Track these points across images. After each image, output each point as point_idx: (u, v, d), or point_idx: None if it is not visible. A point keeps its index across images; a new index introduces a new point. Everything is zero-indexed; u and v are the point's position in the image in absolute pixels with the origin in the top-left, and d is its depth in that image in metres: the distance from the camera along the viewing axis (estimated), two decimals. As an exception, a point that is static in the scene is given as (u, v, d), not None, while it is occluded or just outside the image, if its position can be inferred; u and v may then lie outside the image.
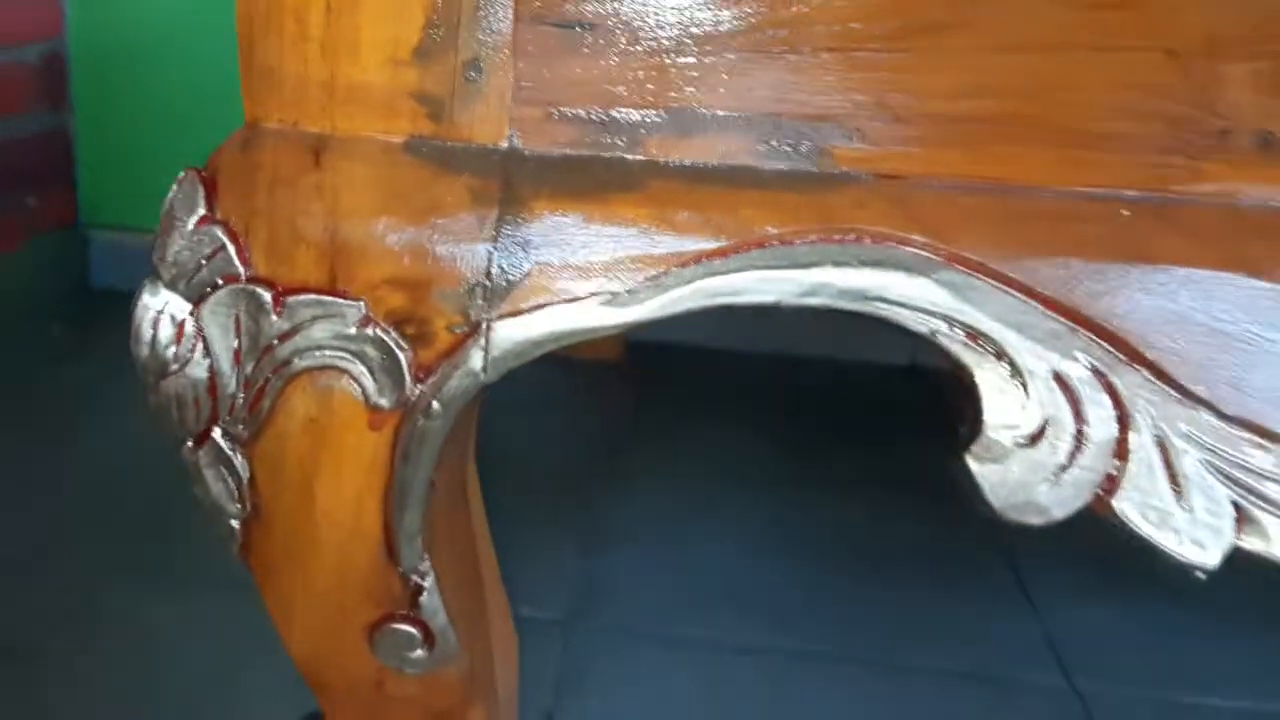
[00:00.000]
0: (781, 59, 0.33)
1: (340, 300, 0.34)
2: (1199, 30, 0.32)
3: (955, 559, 0.87)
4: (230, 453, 0.37)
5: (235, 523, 0.39)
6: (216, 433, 0.37)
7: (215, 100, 1.21)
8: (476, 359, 0.34)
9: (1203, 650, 0.77)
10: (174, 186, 0.35)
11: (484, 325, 0.34)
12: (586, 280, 0.34)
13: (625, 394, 1.12)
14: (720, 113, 0.34)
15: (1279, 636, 0.79)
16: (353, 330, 0.35)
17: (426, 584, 0.39)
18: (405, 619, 0.40)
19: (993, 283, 0.32)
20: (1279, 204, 0.33)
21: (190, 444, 0.37)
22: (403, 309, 0.34)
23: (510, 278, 0.34)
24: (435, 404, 0.35)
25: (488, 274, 0.34)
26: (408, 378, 0.35)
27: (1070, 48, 0.32)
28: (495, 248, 0.34)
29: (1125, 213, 0.33)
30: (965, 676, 0.74)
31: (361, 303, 0.34)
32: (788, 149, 0.34)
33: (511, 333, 0.34)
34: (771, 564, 0.85)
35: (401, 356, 0.35)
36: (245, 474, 0.37)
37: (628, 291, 0.34)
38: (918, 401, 1.13)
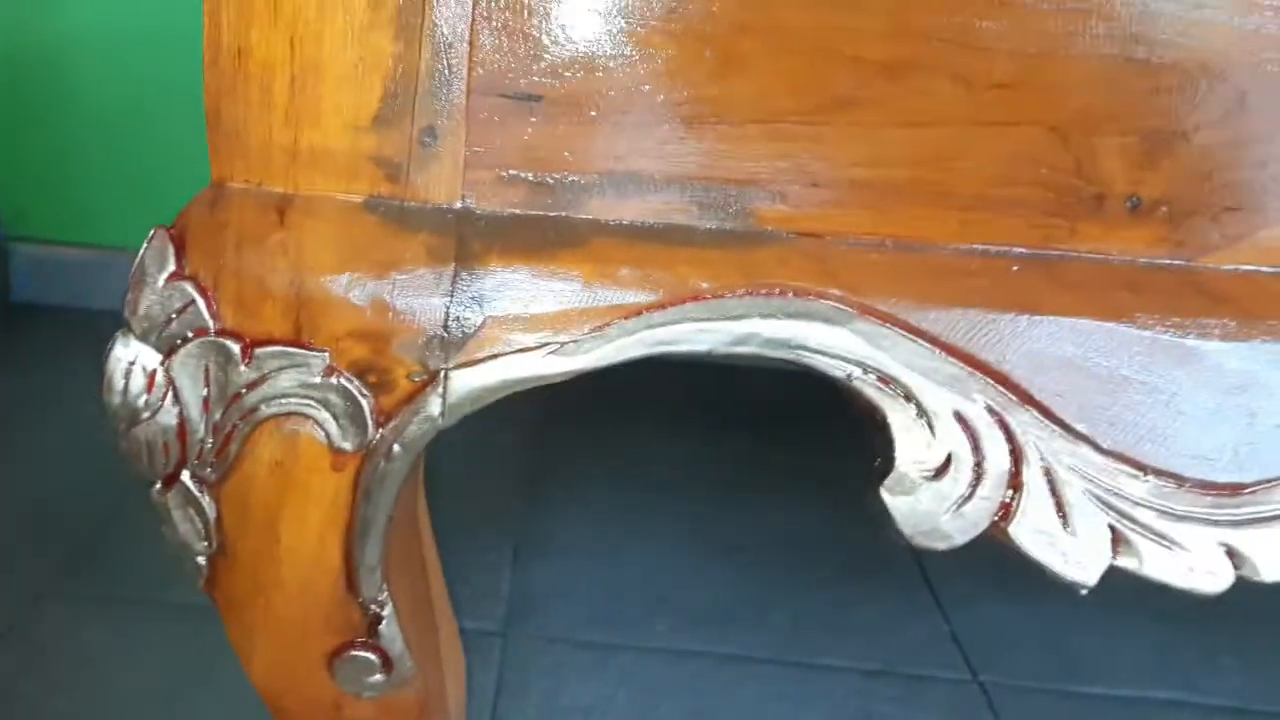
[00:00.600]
0: (711, 129, 0.37)
1: (305, 351, 0.37)
2: (1077, 109, 0.36)
3: (867, 560, 0.92)
4: (198, 494, 0.39)
5: (202, 559, 0.41)
6: (185, 475, 0.39)
7: (137, 113, 1.21)
8: (435, 405, 0.37)
9: (1094, 643, 0.84)
10: (145, 244, 0.37)
11: (442, 374, 0.37)
12: (536, 331, 0.37)
13: (547, 401, 1.15)
14: (656, 176, 0.37)
15: (1161, 629, 0.86)
16: (317, 379, 0.37)
17: (385, 613, 0.42)
18: (364, 646, 0.42)
19: (900, 332, 0.36)
20: (1145, 260, 0.37)
21: (159, 486, 0.39)
22: (365, 359, 0.37)
23: (465, 330, 0.37)
24: (396, 447, 0.38)
25: (445, 326, 0.37)
26: (370, 423, 0.37)
27: (965, 123, 0.36)
28: (451, 301, 0.37)
29: (1015, 268, 0.37)
30: (877, 674, 0.79)
31: (326, 353, 0.37)
32: (717, 210, 0.38)
33: (468, 381, 0.37)
34: (694, 570, 0.89)
35: (364, 403, 0.37)
36: (212, 513, 0.40)
37: (574, 341, 0.37)
38: (828, 405, 1.18)
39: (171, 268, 0.37)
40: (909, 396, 0.36)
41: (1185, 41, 0.36)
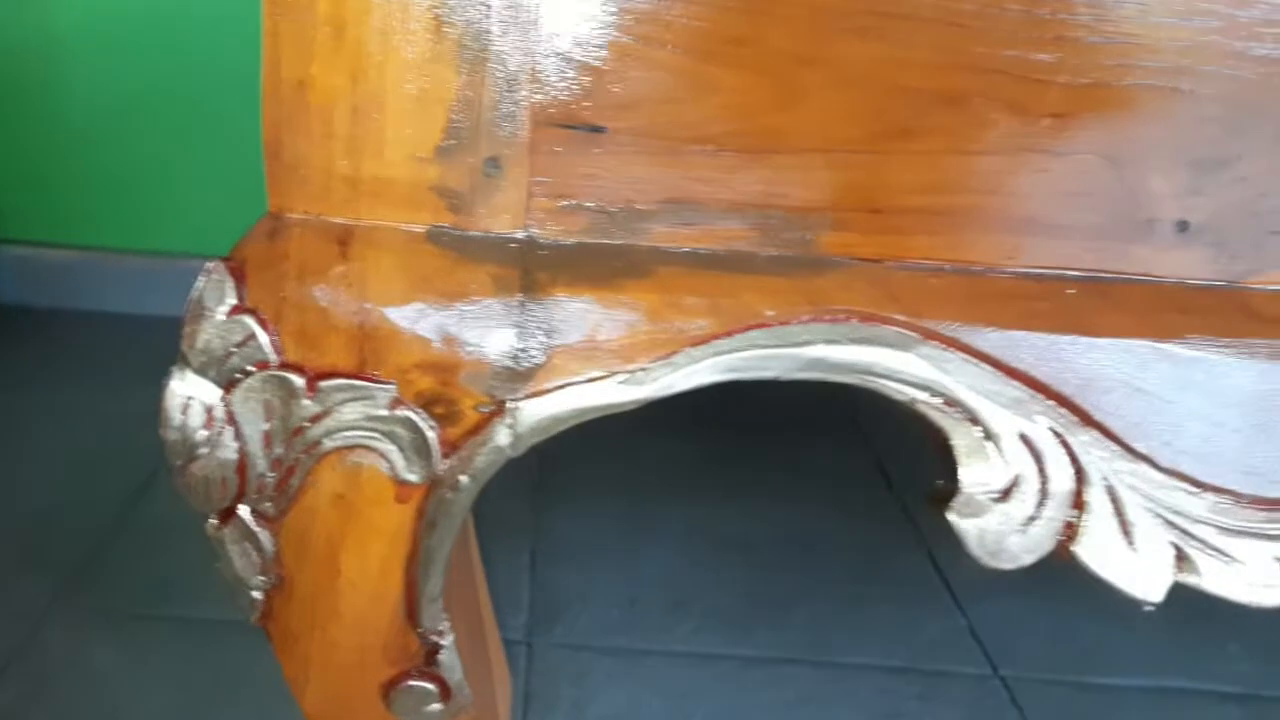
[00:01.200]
0: (772, 158, 0.37)
1: (371, 384, 0.37)
2: (1127, 137, 0.37)
3: (879, 557, 0.93)
4: (255, 528, 0.39)
5: (257, 593, 0.40)
6: (243, 510, 0.38)
7: (123, 114, 1.18)
8: (503, 436, 0.37)
9: (1105, 634, 0.85)
10: (201, 277, 0.36)
11: (510, 405, 0.37)
12: (604, 361, 0.37)
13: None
14: (719, 205, 0.38)
15: (1168, 618, 0.88)
16: (383, 411, 0.37)
17: (445, 642, 0.41)
18: (422, 675, 0.42)
19: (964, 355, 0.37)
20: (1194, 282, 0.38)
21: (215, 520, 0.39)
22: (431, 391, 0.37)
23: (534, 360, 0.37)
24: (463, 478, 0.37)
25: (513, 357, 0.37)
26: (435, 454, 0.37)
27: (1020, 150, 0.37)
28: (519, 332, 0.37)
29: (1070, 290, 0.38)
30: (901, 671, 0.80)
31: (392, 385, 0.37)
32: (779, 237, 0.38)
33: (537, 411, 0.37)
34: (709, 571, 0.89)
35: (430, 435, 0.37)
36: (270, 547, 0.39)
37: (643, 370, 0.37)
38: (828, 404, 1.19)
39: (232, 301, 0.36)
40: (974, 420, 0.37)
41: (1229, 74, 0.37)
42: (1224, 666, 0.83)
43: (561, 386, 0.37)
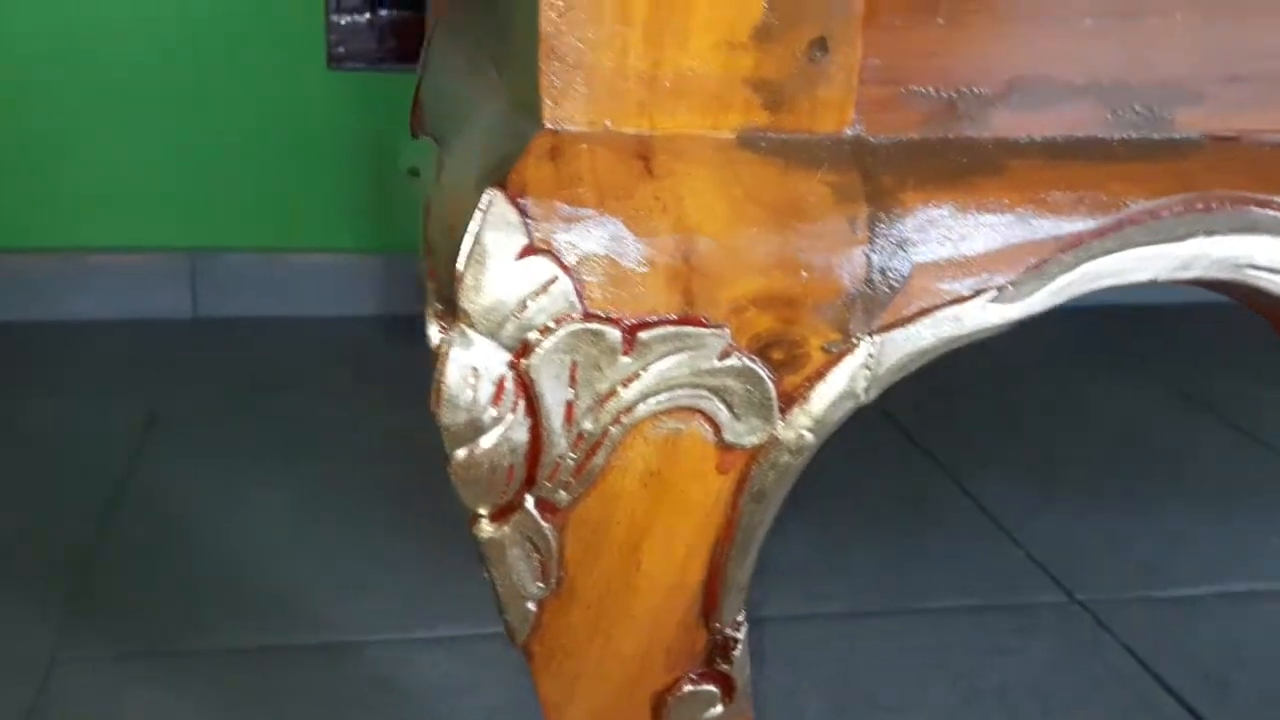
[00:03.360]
0: (1136, 22, 0.31)
1: (701, 329, 0.29)
2: None
3: (913, 497, 0.90)
4: (542, 523, 0.31)
5: (533, 605, 0.33)
6: (528, 501, 0.31)
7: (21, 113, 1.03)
8: (860, 379, 0.30)
9: (1156, 548, 0.84)
10: (477, 214, 0.28)
11: (865, 340, 0.30)
12: (969, 276, 0.31)
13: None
14: (1072, 82, 0.32)
15: (1205, 523, 0.88)
16: (713, 363, 0.30)
17: (740, 635, 0.35)
18: (703, 677, 0.36)
19: (1351, 237, 0.32)
20: None
21: (488, 519, 0.31)
22: (770, 331, 0.30)
23: (892, 283, 0.30)
24: (807, 435, 0.31)
25: (867, 281, 0.30)
26: (774, 410, 0.30)
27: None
28: (871, 250, 0.30)
29: None
30: (986, 609, 0.77)
31: (725, 329, 0.30)
32: (1133, 116, 0.32)
33: (898, 344, 0.30)
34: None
35: (769, 386, 0.30)
36: (555, 546, 0.32)
37: (1011, 284, 0.31)
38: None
39: (521, 240, 0.28)
40: (1380, 308, 0.32)
41: None
42: (1275, 564, 0.83)
43: (923, 311, 0.30)
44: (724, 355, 0.30)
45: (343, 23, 1.03)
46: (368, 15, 1.04)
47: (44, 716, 0.60)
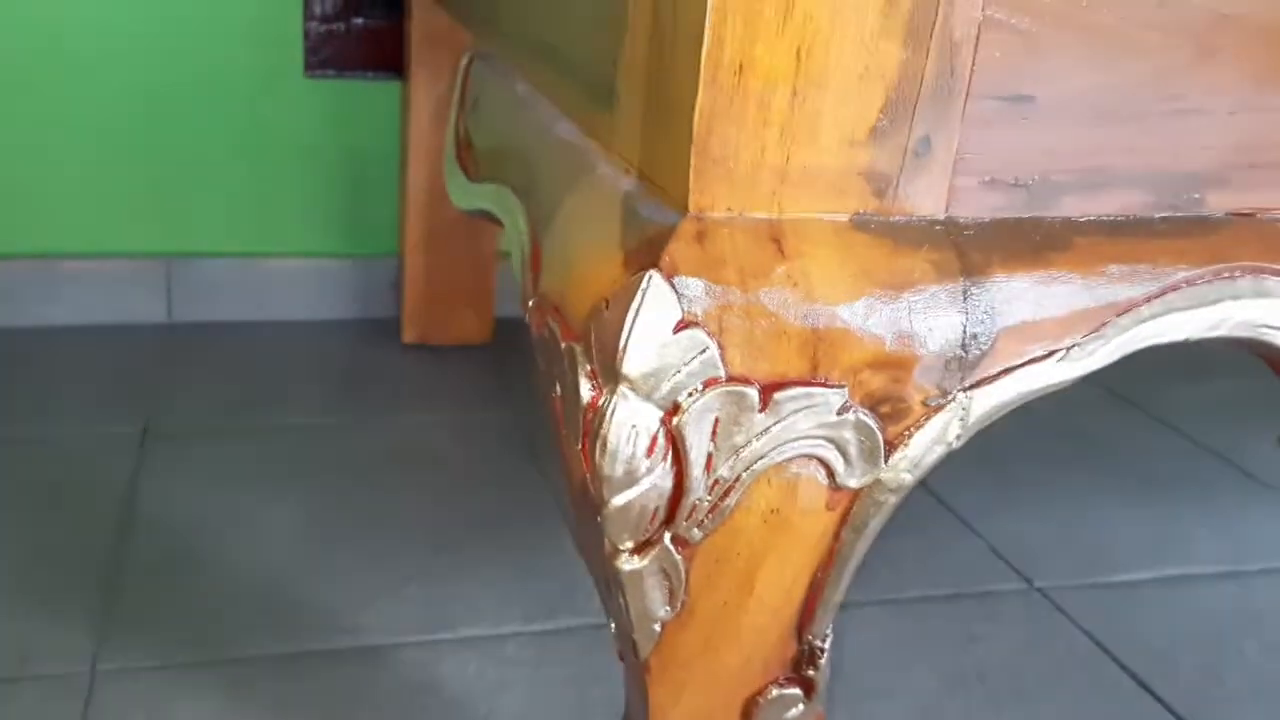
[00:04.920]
0: (1184, 119, 0.37)
1: (825, 389, 0.34)
2: None
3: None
4: (676, 556, 0.35)
5: (658, 626, 0.37)
6: (666, 538, 0.35)
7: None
8: (953, 429, 0.35)
9: (1100, 536, 0.92)
10: (638, 294, 0.32)
11: (959, 397, 0.35)
12: (1042, 340, 0.36)
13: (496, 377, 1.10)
14: (1127, 171, 0.37)
15: (1144, 515, 0.97)
16: (833, 418, 0.34)
17: (826, 644, 0.40)
18: (789, 682, 0.40)
19: (1346, 302, 0.38)
20: None
21: (630, 554, 0.35)
22: (882, 389, 0.35)
23: (981, 346, 0.35)
24: (906, 476, 0.36)
25: (962, 345, 0.35)
26: (881, 456, 0.35)
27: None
28: (966, 318, 0.35)
29: None
30: (955, 598, 0.83)
31: (844, 389, 0.34)
32: (1172, 198, 0.38)
33: (985, 400, 0.35)
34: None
35: (878, 436, 0.35)
36: (683, 575, 0.36)
37: (1077, 345, 0.36)
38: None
39: (675, 314, 0.33)
40: (1370, 362, 0.38)
41: None
42: (1204, 548, 0.92)
43: (1006, 371, 0.36)
44: (842, 410, 0.34)
45: (320, 30, 1.04)
46: (345, 23, 1.05)
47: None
